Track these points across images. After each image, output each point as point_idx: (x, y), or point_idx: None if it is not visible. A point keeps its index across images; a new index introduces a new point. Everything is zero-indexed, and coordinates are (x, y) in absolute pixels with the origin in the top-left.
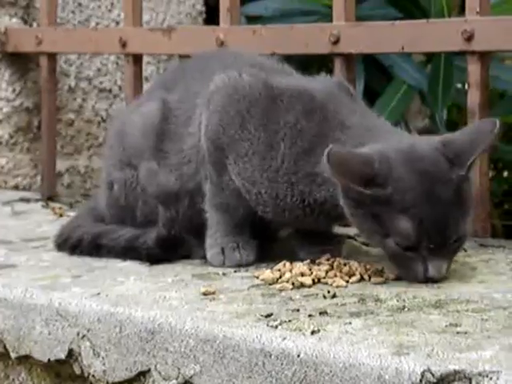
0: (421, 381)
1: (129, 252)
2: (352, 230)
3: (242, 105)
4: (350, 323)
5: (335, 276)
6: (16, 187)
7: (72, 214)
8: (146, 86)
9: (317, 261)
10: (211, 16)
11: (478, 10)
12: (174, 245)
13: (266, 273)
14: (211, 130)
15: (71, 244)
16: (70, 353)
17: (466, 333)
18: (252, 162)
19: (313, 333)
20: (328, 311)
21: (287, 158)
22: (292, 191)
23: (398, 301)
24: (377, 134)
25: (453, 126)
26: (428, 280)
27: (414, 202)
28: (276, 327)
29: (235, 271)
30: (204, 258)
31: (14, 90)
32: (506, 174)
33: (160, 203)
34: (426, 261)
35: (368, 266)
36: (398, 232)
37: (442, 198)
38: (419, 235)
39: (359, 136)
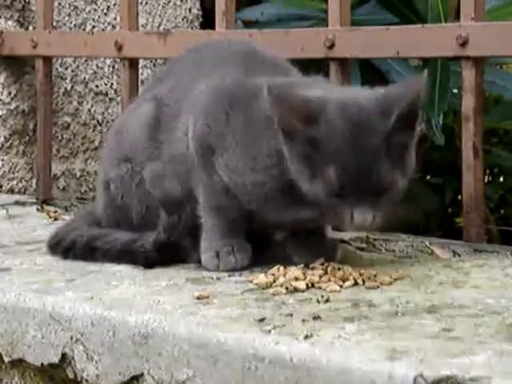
0: None
1: (125, 255)
2: (346, 235)
3: (225, 103)
4: (344, 328)
5: (329, 281)
6: (11, 190)
7: (67, 217)
8: (142, 90)
9: (311, 265)
10: (208, 20)
11: (472, 15)
12: (173, 249)
13: (260, 277)
14: (198, 131)
15: (64, 246)
16: (64, 357)
17: (458, 338)
18: (236, 153)
19: (306, 337)
20: (321, 316)
21: (263, 144)
22: (270, 177)
23: (391, 306)
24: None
25: (449, 130)
26: (356, 228)
27: (340, 150)
28: (269, 332)
29: (229, 275)
30: (199, 262)
31: (9, 93)
32: (502, 179)
33: (163, 208)
34: (352, 208)
35: (362, 271)
36: (323, 177)
37: (369, 148)
38: (342, 182)
39: None
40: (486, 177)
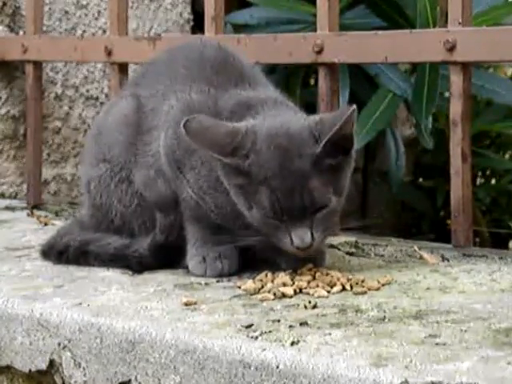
0: None
1: (118, 259)
2: (334, 240)
3: None
4: (330, 334)
5: (317, 286)
6: (2, 195)
7: (57, 222)
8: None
9: (299, 271)
10: (200, 23)
11: (460, 20)
12: (169, 251)
13: (248, 283)
14: (168, 146)
15: (57, 250)
16: (51, 363)
17: (444, 344)
18: (201, 173)
19: (292, 344)
20: (308, 322)
21: None
22: (229, 200)
23: (378, 311)
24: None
25: (441, 134)
26: (299, 249)
27: (270, 175)
28: (256, 338)
29: (217, 281)
30: (187, 268)
31: None
32: (493, 181)
33: (159, 210)
34: (290, 231)
35: (350, 276)
36: (256, 203)
37: (298, 172)
38: (274, 206)
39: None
40: (478, 179)
